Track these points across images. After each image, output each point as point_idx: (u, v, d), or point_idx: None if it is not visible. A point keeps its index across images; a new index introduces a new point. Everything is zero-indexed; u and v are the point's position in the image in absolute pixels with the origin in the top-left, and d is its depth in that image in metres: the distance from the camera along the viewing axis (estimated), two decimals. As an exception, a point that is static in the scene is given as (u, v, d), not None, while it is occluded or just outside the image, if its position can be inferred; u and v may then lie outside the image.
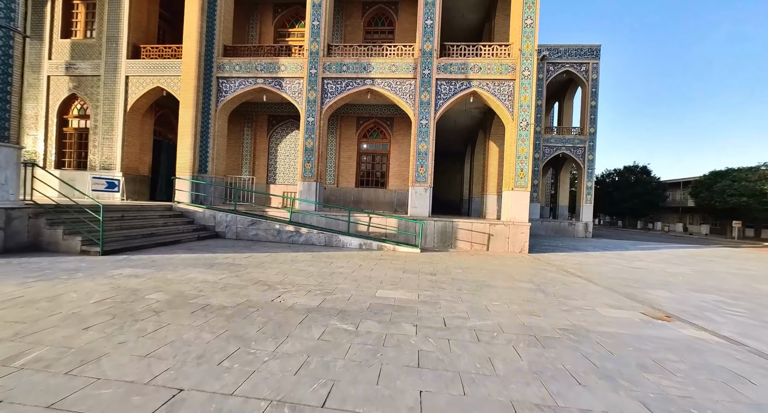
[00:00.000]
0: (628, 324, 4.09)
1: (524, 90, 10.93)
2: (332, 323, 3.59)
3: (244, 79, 12.06)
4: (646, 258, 11.09)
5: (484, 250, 10.75)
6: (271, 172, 15.60)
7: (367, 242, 9.86)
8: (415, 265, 7.41)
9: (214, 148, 12.15)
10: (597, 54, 20.79)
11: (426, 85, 11.25)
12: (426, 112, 11.28)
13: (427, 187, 11.24)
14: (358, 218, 11.02)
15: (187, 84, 11.79)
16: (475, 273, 6.79)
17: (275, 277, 5.53)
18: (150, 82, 12.51)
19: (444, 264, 7.81)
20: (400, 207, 14.81)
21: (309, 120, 11.70)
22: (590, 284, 6.38)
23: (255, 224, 10.30)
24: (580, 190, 21.42)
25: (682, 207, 41.32)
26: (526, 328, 3.75)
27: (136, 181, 13.31)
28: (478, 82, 11.19)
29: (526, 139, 10.95)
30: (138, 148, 13.31)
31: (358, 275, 6.06)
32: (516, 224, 10.75)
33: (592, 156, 20.95)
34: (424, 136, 11.29)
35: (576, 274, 7.39)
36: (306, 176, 11.71)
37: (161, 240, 8.24)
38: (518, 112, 10.94)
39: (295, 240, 10.13)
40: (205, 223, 10.49)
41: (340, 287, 5.12)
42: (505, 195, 11.41)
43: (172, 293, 4.35)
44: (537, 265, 8.36)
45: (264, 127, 15.51)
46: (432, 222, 10.88)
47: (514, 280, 6.33)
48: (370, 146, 15.35)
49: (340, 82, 11.70)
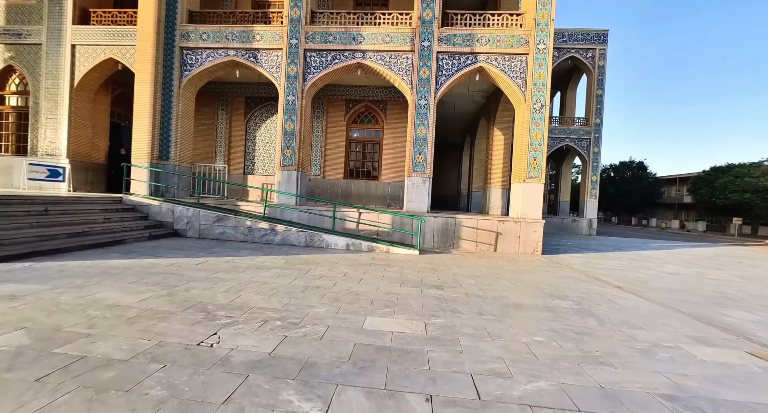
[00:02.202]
0: (748, 379, 2.65)
1: (539, 66, 9.45)
2: (285, 398, 2.05)
3: (213, 50, 10.29)
4: (671, 261, 9.80)
5: (491, 251, 9.32)
6: (249, 161, 13.87)
7: (356, 242, 8.32)
8: (414, 273, 5.91)
9: (177, 131, 10.38)
10: (604, 39, 19.44)
11: (425, 59, 9.67)
12: (425, 90, 9.71)
13: (426, 178, 9.72)
14: (346, 214, 9.46)
15: (143, 54, 9.96)
16: (491, 285, 5.32)
17: (223, 296, 3.95)
18: (102, 53, 10.62)
19: (450, 271, 6.32)
20: (395, 201, 13.27)
21: (289, 99, 10.02)
22: (641, 300, 4.97)
23: (222, 220, 8.64)
24: (584, 185, 20.19)
25: (678, 203, 40.79)
26: (609, 398, 2.27)
27: (89, 169, 11.46)
28: (486, 57, 9.66)
29: (541, 122, 9.49)
30: (90, 132, 11.44)
31: (340, 290, 4.52)
32: (528, 221, 9.33)
33: (598, 148, 19.71)
34: (422, 119, 9.73)
35: (613, 284, 5.98)
36: (285, 164, 10.06)
37: (96, 240, 6.55)
38: (531, 92, 9.46)
39: (269, 239, 8.52)
40: (161, 219, 8.78)
41: (312, 313, 3.58)
42: (515, 188, 9.97)
43: (41, 331, 2.75)
44: (559, 271, 6.95)
45: (241, 111, 13.73)
46: (432, 218, 9.38)
47: (545, 295, 4.88)
48: (360, 133, 13.73)
49: (326, 54, 10.03)
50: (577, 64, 20.09)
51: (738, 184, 26.44)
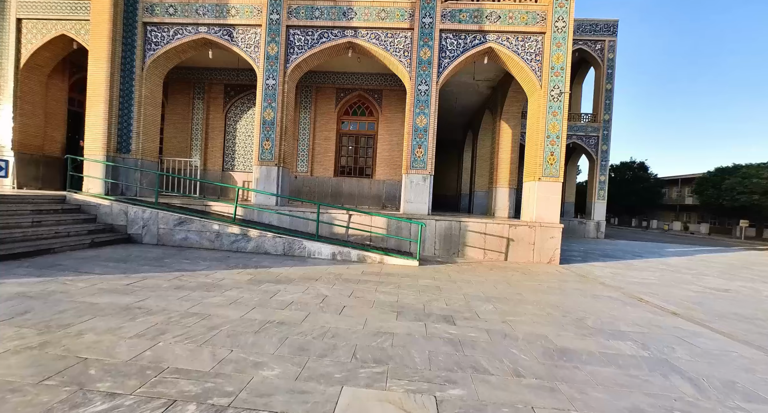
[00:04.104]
0: None
1: (557, 47, 8.19)
2: None
3: (182, 26, 8.90)
4: (706, 271, 8.59)
5: (501, 260, 8.06)
6: (229, 156, 12.47)
7: (344, 250, 6.99)
8: (415, 295, 4.60)
9: (140, 120, 8.98)
10: (614, 30, 18.30)
11: (427, 37, 8.37)
12: (426, 74, 8.41)
13: (427, 174, 8.42)
14: (334, 216, 8.14)
15: (98, 27, 8.54)
16: (517, 314, 4.02)
17: (129, 347, 2.61)
18: (53, 28, 9.19)
19: (459, 290, 5.02)
20: (390, 202, 11.97)
21: (268, 82, 8.66)
22: (720, 337, 3.70)
23: (184, 224, 7.25)
24: (591, 185, 19.03)
25: (680, 205, 39.92)
26: None
27: (40, 163, 10.01)
28: (496, 36, 8.38)
29: (559, 112, 8.24)
30: (42, 120, 9.99)
31: (312, 329, 3.20)
32: (544, 226, 8.07)
33: (607, 146, 18.55)
34: (423, 107, 8.43)
35: (665, 308, 4.72)
36: (264, 159, 8.70)
37: (10, 249, 5.16)
38: (548, 77, 8.20)
39: (240, 247, 7.15)
40: (113, 222, 7.38)
41: (257, 382, 2.25)
42: (528, 187, 8.71)
43: None
44: (591, 288, 5.68)
45: (219, 100, 12.33)
46: (433, 222, 8.08)
47: (593, 331, 3.60)
48: (353, 125, 12.40)
49: (312, 32, 8.69)
50: (584, 56, 18.91)
51: (746, 185, 25.46)
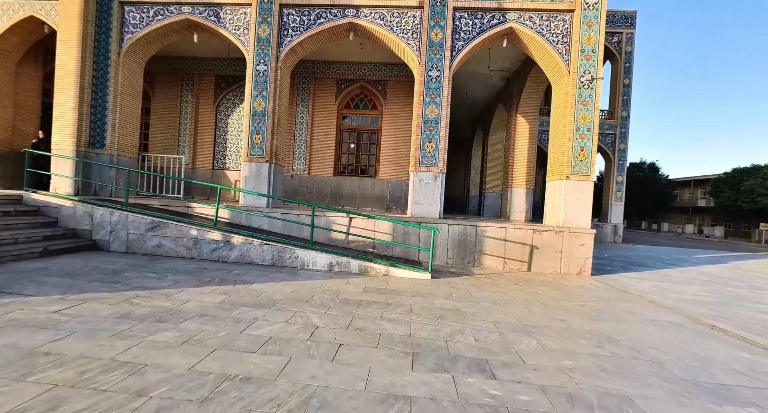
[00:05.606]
0: None
1: (588, 26, 7.15)
2: None
3: (163, 6, 7.93)
4: (758, 283, 7.49)
5: (523, 270, 7.01)
6: (219, 153, 11.49)
7: (343, 260, 5.95)
8: (433, 325, 3.56)
9: (116, 112, 8.01)
10: (632, 22, 17.23)
11: (438, 17, 7.36)
12: (437, 58, 7.40)
13: (438, 172, 7.39)
14: (333, 220, 7.13)
15: (68, 6, 7.57)
16: (572, 355, 2.98)
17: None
18: (20, 9, 8.24)
19: (487, 315, 3.97)
20: (395, 203, 10.94)
21: (259, 68, 7.67)
22: None
23: (158, 229, 6.23)
24: (608, 187, 17.90)
25: (693, 207, 38.65)
26: None
27: (8, 160, 9.05)
28: (517, 15, 7.35)
29: (590, 101, 7.19)
30: (10, 112, 9.04)
31: (290, 390, 2.17)
32: (573, 231, 7.01)
33: (624, 145, 17.43)
34: (433, 95, 7.41)
35: (756, 342, 3.66)
36: (254, 154, 7.71)
37: (-70, 262, 4.16)
38: (578, 61, 7.16)
39: (222, 255, 6.13)
40: (75, 226, 6.37)
41: None
42: (553, 187, 7.66)
43: None
44: (642, 310, 4.62)
45: (210, 92, 11.37)
46: (446, 226, 7.05)
47: (686, 385, 2.55)
48: (354, 120, 11.39)
49: (308, 12, 7.70)
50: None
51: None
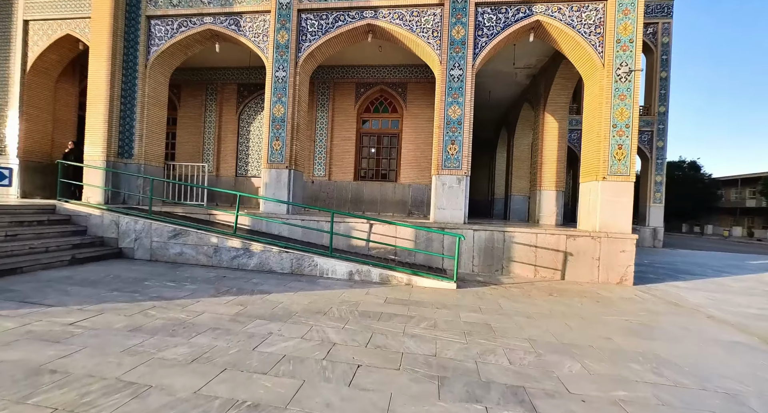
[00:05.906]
0: None
1: (624, 15, 6.62)
2: None
3: (186, 17, 8.12)
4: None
5: (557, 279, 6.50)
6: (242, 160, 11.65)
7: (363, 269, 5.72)
8: (460, 343, 3.24)
9: (143, 122, 8.24)
10: (669, 11, 16.17)
11: (459, 13, 7.06)
12: (459, 56, 7.08)
13: (462, 175, 7.03)
14: (353, 226, 6.93)
15: (99, 22, 7.90)
16: (625, 383, 2.56)
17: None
18: (59, 29, 8.70)
19: (521, 331, 3.60)
20: (417, 208, 10.63)
21: (278, 75, 7.66)
22: None
23: (179, 236, 6.26)
24: (645, 187, 16.71)
25: (740, 207, 35.68)
26: None
27: (47, 171, 9.53)
28: (545, 7, 6.92)
29: (628, 95, 6.63)
30: (49, 126, 9.53)
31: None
32: (611, 236, 6.44)
33: (663, 142, 16.28)
34: (456, 95, 7.09)
35: None
36: (273, 160, 7.67)
37: (-36, 270, 4.30)
38: (613, 52, 6.63)
39: (242, 263, 6.06)
40: (103, 234, 6.53)
41: None
42: (588, 189, 7.11)
43: None
44: (700, 326, 4.06)
45: (232, 101, 11.57)
46: (471, 232, 6.67)
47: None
48: (374, 124, 11.23)
49: (326, 15, 7.62)
50: (633, 42, 16.83)
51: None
